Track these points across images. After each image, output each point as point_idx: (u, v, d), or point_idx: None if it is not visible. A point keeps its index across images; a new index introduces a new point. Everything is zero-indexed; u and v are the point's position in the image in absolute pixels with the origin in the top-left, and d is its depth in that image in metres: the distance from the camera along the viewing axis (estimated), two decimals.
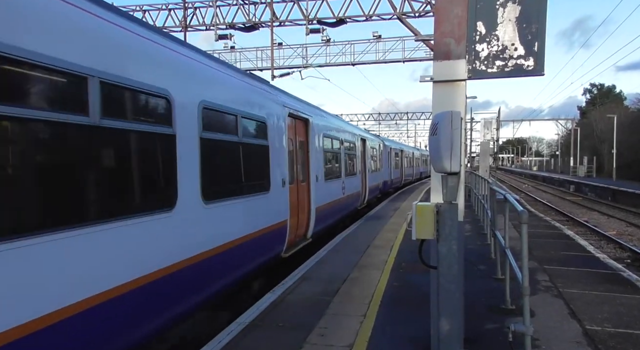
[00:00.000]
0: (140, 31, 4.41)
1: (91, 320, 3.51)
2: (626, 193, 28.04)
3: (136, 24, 4.45)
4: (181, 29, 22.93)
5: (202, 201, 5.22)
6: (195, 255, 4.99)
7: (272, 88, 8.28)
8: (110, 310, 3.70)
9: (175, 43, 5.16)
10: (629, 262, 12.17)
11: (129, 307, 3.95)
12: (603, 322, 5.42)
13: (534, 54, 4.11)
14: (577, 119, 69.52)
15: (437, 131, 3.71)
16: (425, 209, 3.88)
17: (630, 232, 17.40)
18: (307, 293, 6.65)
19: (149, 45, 4.50)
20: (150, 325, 4.30)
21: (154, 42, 4.59)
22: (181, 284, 4.75)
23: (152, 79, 4.31)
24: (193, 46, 5.82)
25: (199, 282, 5.20)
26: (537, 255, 9.03)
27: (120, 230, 3.84)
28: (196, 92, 5.22)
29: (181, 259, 4.68)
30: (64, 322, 3.24)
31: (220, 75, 6.15)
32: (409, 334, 5.05)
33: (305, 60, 26.78)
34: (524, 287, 3.97)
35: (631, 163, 44.12)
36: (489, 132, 27.20)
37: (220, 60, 6.88)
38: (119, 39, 4.03)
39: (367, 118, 59.86)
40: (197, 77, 5.44)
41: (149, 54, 4.47)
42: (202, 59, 5.70)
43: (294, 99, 9.73)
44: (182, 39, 6.97)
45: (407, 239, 10.83)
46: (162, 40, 4.81)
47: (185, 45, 5.56)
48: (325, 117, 12.50)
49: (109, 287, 3.68)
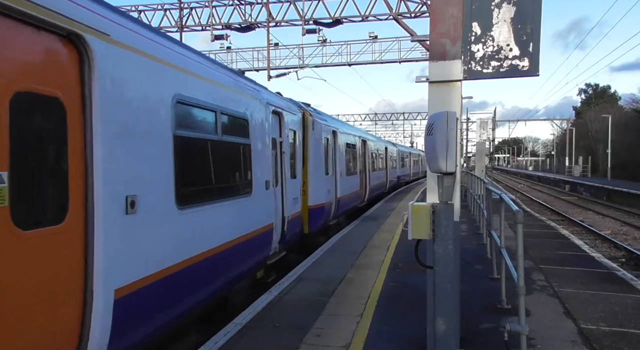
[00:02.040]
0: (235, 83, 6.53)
1: (232, 252, 5.94)
2: (621, 192, 28.19)
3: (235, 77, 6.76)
4: (177, 29, 22.88)
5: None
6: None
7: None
8: (232, 251, 5.99)
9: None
10: (623, 261, 12.24)
11: (239, 250, 6.23)
12: (598, 321, 5.45)
13: (528, 55, 4.13)
14: (572, 119, 69.76)
15: (432, 131, 3.73)
16: (421, 209, 3.90)
17: (625, 231, 17.49)
18: (303, 293, 6.65)
19: (236, 90, 6.51)
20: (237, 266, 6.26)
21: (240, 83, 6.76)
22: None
23: (239, 108, 6.47)
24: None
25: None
26: (533, 254, 9.07)
27: (234, 203, 6.10)
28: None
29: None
30: (232, 248, 5.93)
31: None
32: (405, 333, 5.07)
33: (302, 60, 26.76)
34: (520, 286, 3.99)
35: (626, 163, 44.34)
36: (485, 132, 27.29)
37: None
38: (231, 93, 6.24)
39: (364, 118, 59.91)
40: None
41: (238, 97, 6.51)
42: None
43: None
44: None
45: (403, 239, 10.84)
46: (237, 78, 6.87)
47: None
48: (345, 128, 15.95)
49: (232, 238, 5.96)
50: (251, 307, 6.02)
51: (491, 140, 33.35)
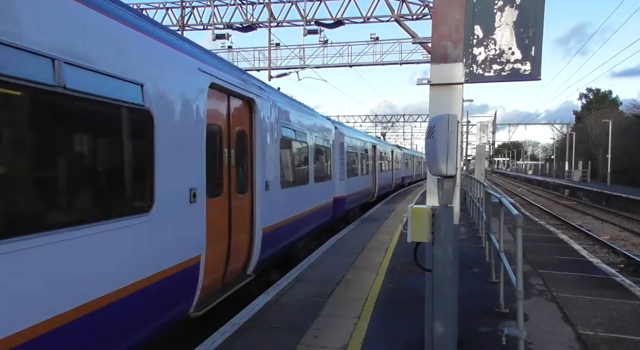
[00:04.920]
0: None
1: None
2: (620, 198, 28.19)
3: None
4: (179, 28, 22.87)
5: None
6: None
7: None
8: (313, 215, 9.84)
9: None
10: (622, 266, 12.23)
11: (316, 214, 10.03)
12: (596, 326, 5.44)
13: (530, 59, 4.12)
14: (572, 124, 69.77)
15: (433, 134, 3.72)
16: (421, 212, 3.89)
17: (624, 236, 17.48)
18: (301, 294, 6.64)
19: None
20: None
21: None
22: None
23: (326, 133, 11.30)
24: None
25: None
26: (531, 259, 9.06)
27: (318, 186, 10.85)
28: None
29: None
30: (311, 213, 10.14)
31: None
32: (402, 336, 5.06)
33: (303, 61, 26.74)
34: (518, 290, 3.98)
35: (626, 168, 44.36)
36: (485, 135, 27.29)
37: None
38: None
39: (364, 120, 59.89)
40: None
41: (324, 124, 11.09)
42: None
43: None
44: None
45: (402, 241, 10.83)
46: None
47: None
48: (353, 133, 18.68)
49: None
50: (249, 307, 6.01)
51: (491, 144, 33.35)
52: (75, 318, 3.34)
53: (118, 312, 3.85)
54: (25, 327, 2.94)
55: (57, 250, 3.20)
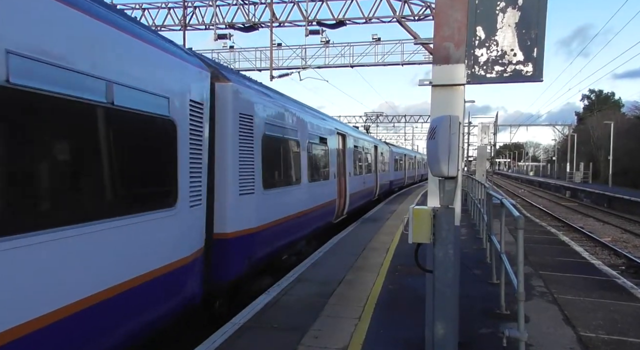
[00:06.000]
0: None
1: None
2: (622, 200, 28.15)
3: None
4: (180, 28, 22.90)
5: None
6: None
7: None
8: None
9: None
10: (623, 268, 12.22)
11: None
12: (597, 328, 5.43)
13: (532, 60, 4.12)
14: (574, 125, 69.74)
15: (435, 135, 3.71)
16: (422, 213, 3.88)
17: (626, 238, 17.46)
18: (302, 294, 6.64)
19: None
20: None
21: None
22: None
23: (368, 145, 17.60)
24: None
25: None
26: (533, 260, 9.05)
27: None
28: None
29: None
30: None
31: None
32: (403, 337, 5.05)
33: (304, 61, 26.76)
34: (519, 292, 3.97)
35: (627, 170, 44.30)
36: (487, 136, 27.26)
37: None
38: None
39: (365, 120, 59.79)
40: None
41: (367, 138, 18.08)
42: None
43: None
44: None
45: (402, 241, 10.83)
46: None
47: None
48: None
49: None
50: (249, 307, 6.01)
51: (492, 145, 33.29)
52: (143, 282, 4.26)
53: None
54: (114, 284, 3.86)
55: (122, 231, 4.05)
